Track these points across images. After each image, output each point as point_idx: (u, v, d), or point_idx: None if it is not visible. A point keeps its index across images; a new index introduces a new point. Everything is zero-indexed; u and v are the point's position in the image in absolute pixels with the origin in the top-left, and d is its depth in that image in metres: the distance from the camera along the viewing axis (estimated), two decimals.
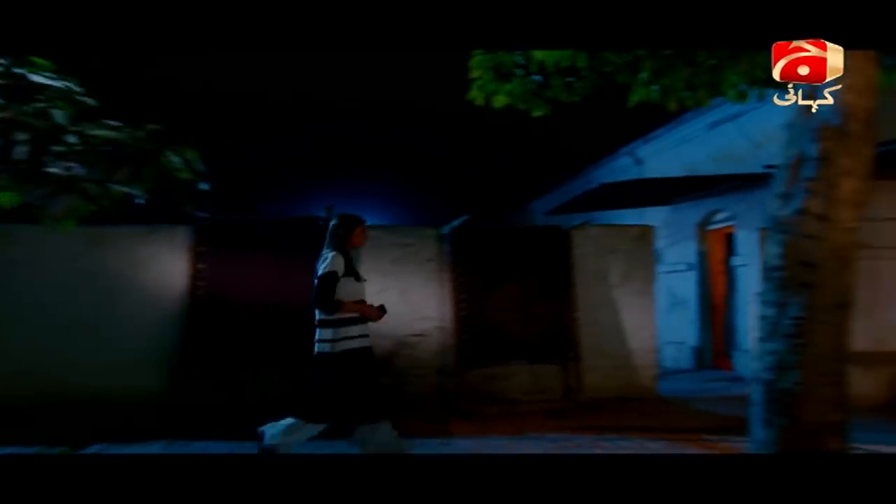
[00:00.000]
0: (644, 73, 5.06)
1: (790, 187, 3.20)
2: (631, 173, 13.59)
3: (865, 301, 9.25)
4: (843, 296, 3.12)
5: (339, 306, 4.76)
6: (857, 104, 3.15)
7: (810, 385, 3.05)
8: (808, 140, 3.18)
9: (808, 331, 3.06)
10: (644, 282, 9.04)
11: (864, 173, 3.17)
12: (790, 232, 3.16)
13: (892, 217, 9.41)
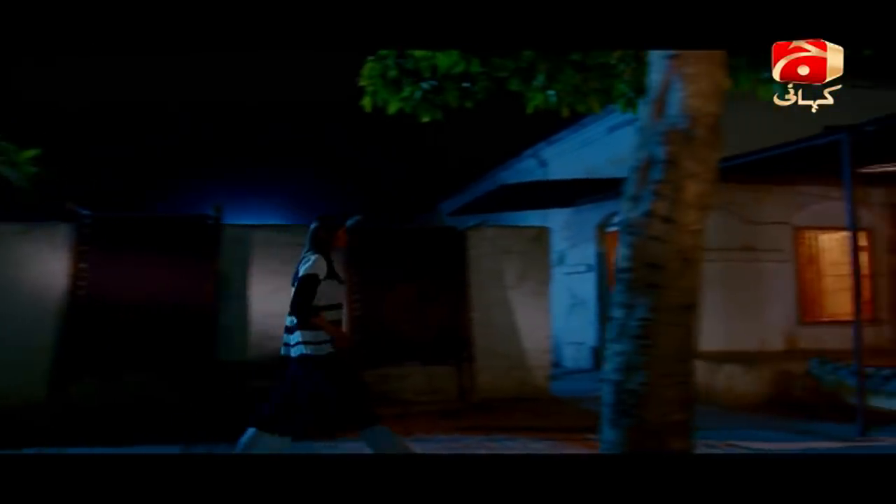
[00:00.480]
0: (538, 79, 5.08)
1: (639, 190, 3.24)
2: (535, 175, 13.74)
3: (749, 303, 9.61)
4: (689, 297, 3.16)
5: (315, 315, 4.60)
6: (702, 109, 3.20)
7: (654, 386, 3.08)
8: (657, 143, 3.22)
9: (653, 332, 3.10)
10: (539, 283, 9.12)
11: (709, 177, 3.23)
12: (638, 234, 3.19)
13: (775, 221, 9.76)
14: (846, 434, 6.87)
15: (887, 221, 10.06)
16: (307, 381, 4.62)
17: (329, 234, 4.93)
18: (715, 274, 9.56)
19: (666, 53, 3.35)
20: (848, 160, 6.95)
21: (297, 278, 4.69)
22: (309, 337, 4.63)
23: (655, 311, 3.11)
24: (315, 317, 4.58)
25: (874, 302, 10.14)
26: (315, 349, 4.61)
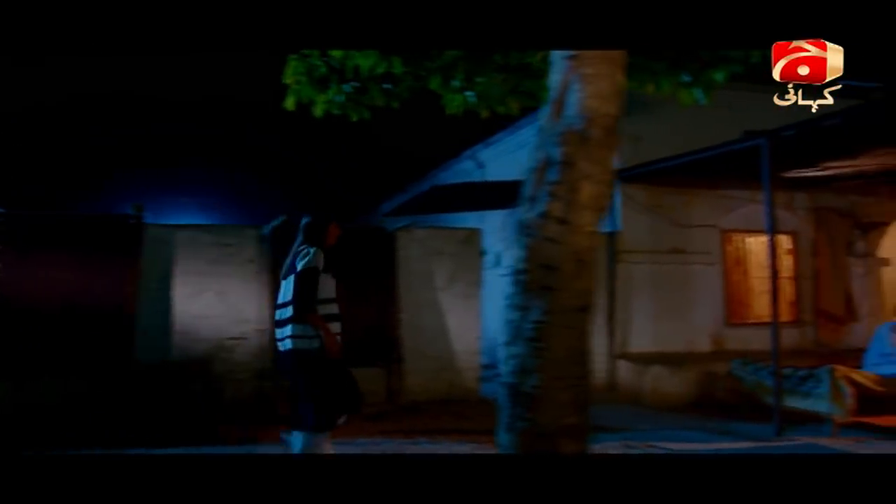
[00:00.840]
0: (456, 80, 5.03)
1: (535, 191, 3.21)
2: (474, 176, 13.72)
3: (678, 304, 9.72)
4: (583, 299, 3.14)
5: (315, 310, 4.60)
6: (599, 110, 3.19)
7: (548, 388, 3.05)
8: (553, 144, 3.19)
9: (547, 334, 3.07)
10: (470, 284, 9.09)
11: (605, 178, 3.22)
12: (533, 235, 3.16)
13: (703, 224, 9.89)
14: (763, 434, 6.98)
15: (811, 225, 10.28)
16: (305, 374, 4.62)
17: (324, 229, 4.92)
18: (644, 276, 9.68)
19: (566, 53, 3.33)
20: (767, 164, 7.07)
21: (297, 272, 4.65)
22: (300, 331, 4.60)
23: (549, 313, 3.08)
24: (314, 312, 4.57)
25: (798, 304, 10.36)
26: (307, 343, 4.58)
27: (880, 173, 9.21)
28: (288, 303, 4.73)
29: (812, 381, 7.12)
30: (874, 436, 6.93)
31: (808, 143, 7.20)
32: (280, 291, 4.89)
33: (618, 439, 6.88)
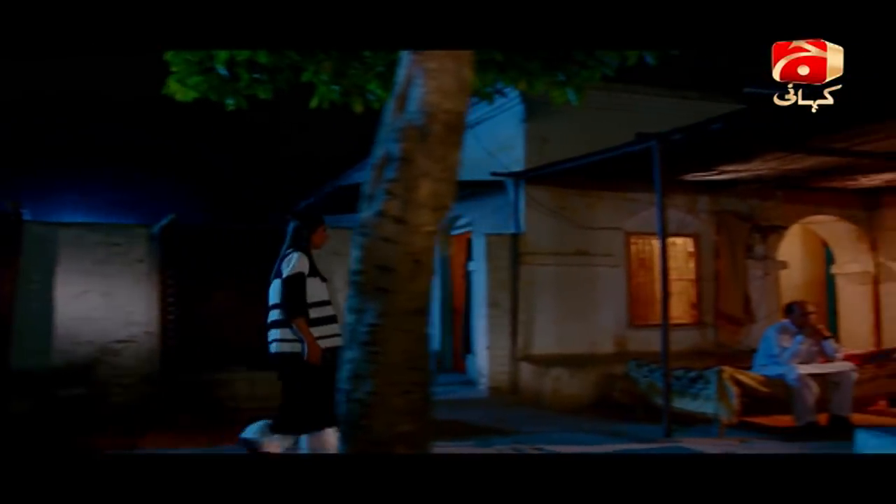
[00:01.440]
0: (323, 73, 4.87)
1: (374, 188, 3.08)
2: None
3: (582, 306, 9.74)
4: (419, 301, 3.03)
5: (304, 315, 4.68)
6: (441, 106, 3.07)
7: (382, 395, 2.93)
8: (393, 140, 3.07)
9: (381, 338, 2.94)
10: None
11: (445, 176, 3.11)
12: (369, 235, 3.03)
13: (607, 226, 9.94)
14: (653, 435, 7.01)
15: (713, 228, 10.43)
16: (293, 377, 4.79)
17: (311, 232, 4.97)
18: (548, 278, 9.67)
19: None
20: (658, 166, 7.10)
21: (282, 278, 4.73)
22: (284, 334, 4.74)
23: (384, 315, 2.96)
24: (302, 317, 4.65)
25: (700, 306, 10.50)
26: (290, 346, 4.72)
27: (776, 178, 9.42)
28: (274, 306, 4.83)
29: (701, 382, 7.18)
30: (758, 436, 7.03)
31: (697, 146, 7.27)
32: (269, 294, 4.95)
33: (509, 442, 6.83)
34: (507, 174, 9.57)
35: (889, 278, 11.02)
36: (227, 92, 4.86)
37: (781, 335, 7.44)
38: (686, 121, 7.31)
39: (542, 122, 9.72)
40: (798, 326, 7.39)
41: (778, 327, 7.59)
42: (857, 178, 9.61)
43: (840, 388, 7.19)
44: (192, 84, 4.74)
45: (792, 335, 7.37)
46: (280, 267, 4.83)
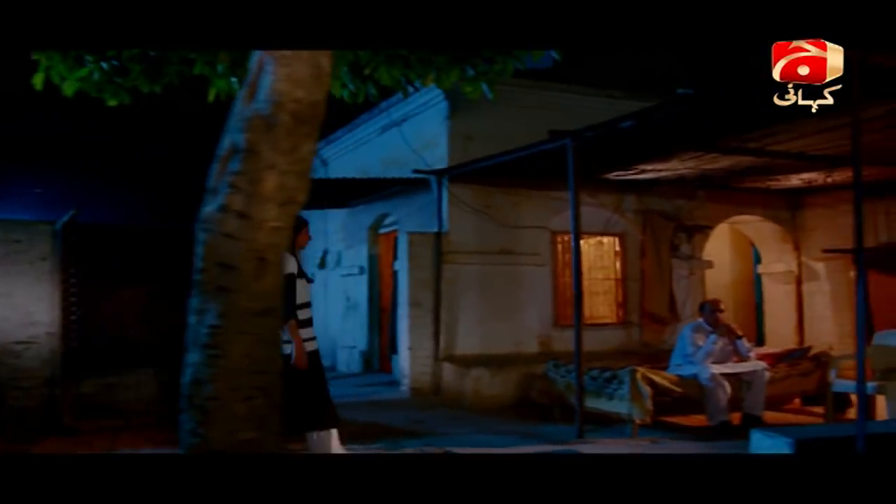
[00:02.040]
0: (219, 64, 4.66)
1: (217, 182, 2.90)
2: (318, 174, 13.33)
3: (507, 305, 9.64)
4: (263, 302, 2.86)
5: (295, 316, 4.74)
6: (290, 94, 2.90)
7: (222, 401, 2.75)
8: (238, 130, 2.89)
9: (222, 341, 2.77)
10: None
11: (295, 169, 2.94)
12: (211, 231, 2.85)
13: (533, 225, 9.86)
14: (566, 437, 6.93)
15: (639, 227, 10.42)
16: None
17: (296, 233, 4.89)
18: (472, 277, 9.56)
19: None
20: (573, 164, 7.02)
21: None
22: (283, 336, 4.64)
23: (225, 316, 2.78)
24: (294, 319, 4.70)
25: (626, 305, 10.49)
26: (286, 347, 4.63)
27: (699, 177, 9.44)
28: None
29: (615, 382, 7.12)
30: (671, 436, 7.00)
31: (612, 143, 7.21)
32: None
33: (420, 444, 6.69)
34: (428, 171, 9.42)
35: (811, 278, 11.15)
36: (110, 88, 4.64)
37: (695, 334, 7.43)
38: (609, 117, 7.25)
39: (467, 120, 9.60)
40: (711, 325, 7.38)
41: (693, 326, 7.58)
42: (778, 178, 9.69)
43: (752, 388, 7.20)
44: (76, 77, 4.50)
45: (706, 334, 7.36)
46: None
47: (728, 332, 7.38)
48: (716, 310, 7.38)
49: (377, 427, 7.56)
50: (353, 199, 11.79)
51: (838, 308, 10.72)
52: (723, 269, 12.90)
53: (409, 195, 10.29)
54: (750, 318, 12.56)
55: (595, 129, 6.78)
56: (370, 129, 11.39)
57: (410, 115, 10.29)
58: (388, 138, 10.93)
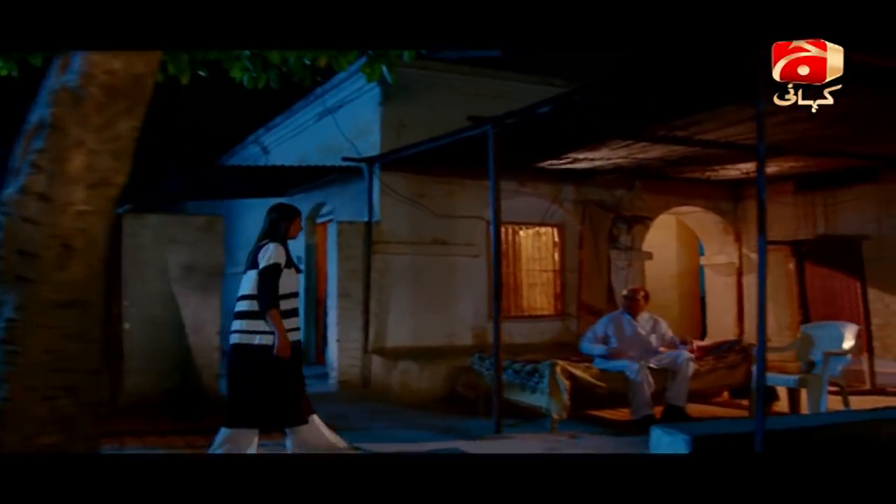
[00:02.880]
0: None
1: (21, 161, 2.64)
2: (260, 162, 13.03)
3: (440, 297, 9.42)
4: (69, 293, 2.62)
5: (276, 307, 4.69)
6: (103, 65, 2.66)
7: (16, 402, 2.50)
8: (45, 104, 2.63)
9: (19, 336, 2.51)
10: (210, 276, 8.42)
11: (108, 148, 2.70)
12: (10, 214, 2.59)
13: (468, 215, 9.65)
14: (485, 432, 6.74)
15: (577, 217, 10.26)
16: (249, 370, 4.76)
17: (289, 224, 4.99)
18: (404, 268, 9.34)
19: None
20: (493, 152, 6.82)
21: (260, 269, 4.72)
22: (249, 326, 4.73)
23: (23, 309, 2.53)
24: (275, 309, 4.66)
25: (563, 297, 10.33)
26: (251, 338, 4.71)
27: (635, 167, 9.30)
28: (243, 297, 4.82)
29: (537, 376, 6.95)
30: (592, 430, 6.85)
31: (535, 130, 7.02)
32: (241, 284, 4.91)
33: None
34: (357, 159, 9.19)
35: (751, 270, 11.05)
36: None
37: (613, 324, 7.32)
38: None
39: (401, 107, 9.36)
40: (632, 314, 7.25)
41: (612, 316, 7.45)
42: (716, 168, 9.57)
43: (676, 379, 7.07)
44: None
45: (622, 323, 7.29)
46: (256, 258, 4.80)
47: (651, 321, 7.27)
48: (633, 297, 7.25)
49: None
50: (291, 188, 11.51)
51: (778, 300, 10.63)
52: (670, 260, 12.81)
53: (344, 184, 10.04)
54: (695, 310, 12.50)
55: (515, 116, 6.57)
56: (307, 115, 11.11)
57: (346, 101, 10.02)
58: (325, 125, 10.66)
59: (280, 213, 5.06)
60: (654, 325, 7.28)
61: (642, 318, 7.25)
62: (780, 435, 4.62)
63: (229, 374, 4.92)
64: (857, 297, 9.08)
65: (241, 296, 4.87)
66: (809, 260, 9.71)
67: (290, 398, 4.82)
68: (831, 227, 9.98)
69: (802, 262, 9.79)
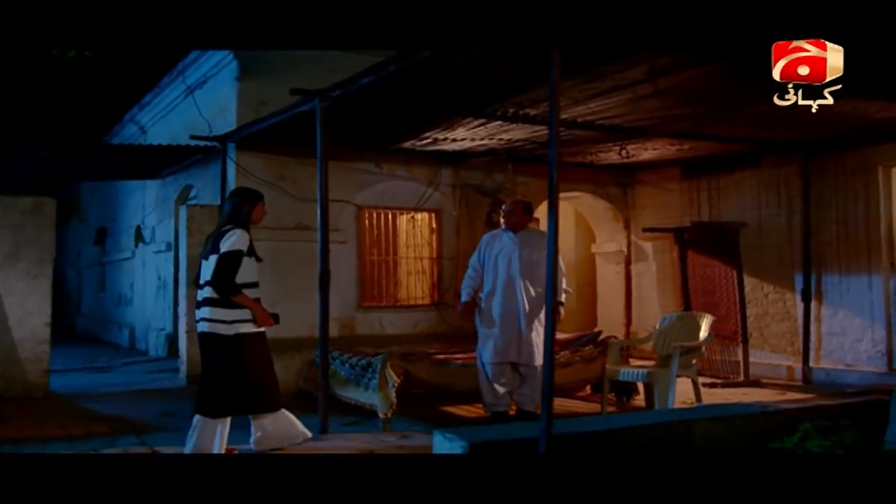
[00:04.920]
0: None
1: None
2: (139, 142, 12.32)
3: (303, 286, 8.85)
4: None
5: (238, 292, 4.70)
6: None
7: None
8: None
9: None
10: (38, 262, 7.77)
11: None
12: None
13: (334, 199, 9.00)
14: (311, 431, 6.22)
15: (454, 202, 9.79)
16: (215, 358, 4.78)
17: (252, 209, 4.97)
18: (264, 254, 8.61)
19: None
20: (321, 127, 6.29)
21: (220, 254, 4.68)
22: (223, 315, 4.71)
23: None
24: (237, 294, 4.67)
25: (440, 285, 9.87)
26: (224, 328, 4.70)
27: (507, 150, 8.86)
28: (207, 283, 4.78)
29: (370, 371, 6.47)
30: (426, 429, 6.37)
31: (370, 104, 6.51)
32: (200, 271, 4.89)
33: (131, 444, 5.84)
34: (205, 137, 8.58)
35: (640, 258, 10.75)
36: None
37: (490, 242, 6.79)
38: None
39: (261, 83, 8.74)
40: (512, 230, 6.67)
41: (494, 233, 6.91)
42: (593, 151, 9.17)
43: (525, 384, 6.58)
44: None
45: (500, 240, 6.78)
46: (218, 243, 4.75)
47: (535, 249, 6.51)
48: (512, 210, 6.65)
49: (119, 421, 6.74)
50: (164, 170, 10.86)
51: (664, 289, 10.34)
52: (567, 249, 12.46)
53: (206, 165, 9.43)
54: (592, 299, 12.16)
55: (341, 86, 6.04)
56: (174, 93, 10.45)
57: (208, 77, 9.40)
58: (191, 104, 10.01)
59: (241, 198, 5.00)
60: (536, 248, 6.42)
61: (525, 236, 6.50)
62: (572, 439, 4.20)
63: (202, 362, 4.97)
64: (733, 287, 8.76)
65: (204, 282, 4.82)
66: (691, 248, 9.38)
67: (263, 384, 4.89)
68: (715, 213, 9.69)
69: (685, 250, 9.46)
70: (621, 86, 5.87)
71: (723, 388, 8.34)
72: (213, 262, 4.75)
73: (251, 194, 5.08)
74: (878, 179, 8.15)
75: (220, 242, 4.77)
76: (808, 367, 8.46)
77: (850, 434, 3.72)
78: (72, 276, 17.71)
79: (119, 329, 13.28)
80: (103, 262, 14.67)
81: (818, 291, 8.56)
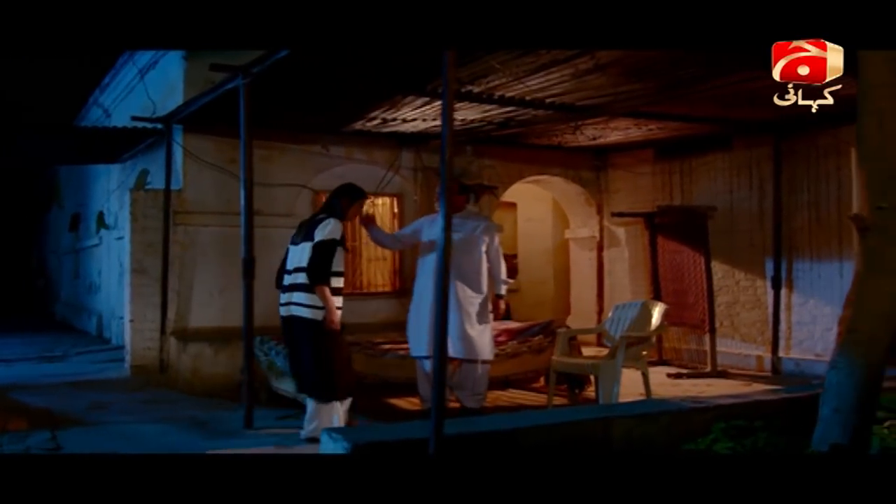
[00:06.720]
0: None
1: None
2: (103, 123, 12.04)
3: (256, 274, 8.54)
4: None
5: (327, 280, 4.86)
6: None
7: None
8: None
9: None
10: None
11: None
12: None
13: (290, 183, 8.81)
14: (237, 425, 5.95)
15: (416, 186, 9.45)
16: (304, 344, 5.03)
17: (351, 204, 5.19)
18: (212, 241, 8.47)
19: None
20: (244, 105, 5.97)
21: (316, 242, 4.88)
22: (310, 300, 4.93)
23: None
24: (324, 283, 4.84)
25: (402, 273, 9.55)
26: (316, 313, 4.91)
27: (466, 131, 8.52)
28: (299, 269, 4.98)
29: None
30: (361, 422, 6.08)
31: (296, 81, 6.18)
32: (289, 256, 5.19)
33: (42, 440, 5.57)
34: (146, 119, 8.27)
35: (613, 244, 10.38)
36: None
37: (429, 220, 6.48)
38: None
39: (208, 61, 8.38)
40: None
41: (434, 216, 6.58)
42: (556, 133, 8.80)
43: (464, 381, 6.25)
44: None
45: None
46: (312, 231, 4.93)
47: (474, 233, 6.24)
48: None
49: (41, 415, 6.45)
50: (123, 154, 10.56)
51: (636, 275, 9.97)
52: (545, 234, 12.15)
53: (160, 149, 9.11)
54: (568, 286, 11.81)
55: (258, 63, 5.70)
56: (130, 74, 10.14)
57: (159, 56, 9.08)
58: (149, 81, 9.70)
59: (339, 192, 5.22)
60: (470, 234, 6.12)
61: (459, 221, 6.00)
62: (469, 440, 3.88)
63: (289, 347, 5.38)
64: (701, 274, 8.39)
65: (296, 267, 5.05)
66: (661, 233, 9.01)
67: (333, 373, 4.99)
68: (687, 197, 9.31)
69: (655, 236, 9.10)
70: (559, 60, 5.51)
71: (688, 378, 8.00)
72: (304, 249, 4.96)
73: (352, 190, 5.25)
74: (851, 162, 7.72)
75: (314, 231, 4.95)
76: (778, 357, 8.10)
77: (762, 436, 3.37)
78: (53, 263, 17.50)
79: (89, 317, 13.06)
80: (77, 248, 14.44)
81: (789, 278, 8.18)
